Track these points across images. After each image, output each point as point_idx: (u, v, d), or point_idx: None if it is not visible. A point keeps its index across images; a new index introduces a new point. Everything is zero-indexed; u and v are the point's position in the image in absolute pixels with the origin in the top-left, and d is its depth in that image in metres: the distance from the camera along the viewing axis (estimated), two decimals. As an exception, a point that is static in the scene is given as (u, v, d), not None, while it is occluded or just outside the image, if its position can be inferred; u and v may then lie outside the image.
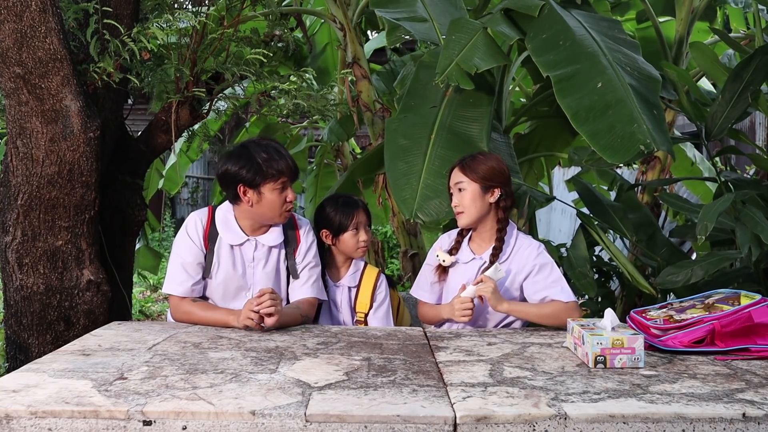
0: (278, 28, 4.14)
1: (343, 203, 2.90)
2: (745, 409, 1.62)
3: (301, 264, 2.69)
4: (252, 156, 2.55)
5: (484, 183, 2.64)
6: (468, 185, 2.64)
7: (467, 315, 2.52)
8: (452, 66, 3.14)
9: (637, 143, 2.80)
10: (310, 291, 2.68)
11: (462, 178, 2.66)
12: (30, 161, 2.92)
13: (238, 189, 2.56)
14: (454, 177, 2.70)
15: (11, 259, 3.01)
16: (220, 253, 2.62)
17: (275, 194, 2.56)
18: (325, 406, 1.63)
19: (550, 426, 1.58)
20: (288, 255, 2.69)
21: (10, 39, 2.73)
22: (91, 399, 1.67)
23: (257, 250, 2.65)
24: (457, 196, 2.67)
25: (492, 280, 2.50)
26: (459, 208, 2.67)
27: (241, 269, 2.64)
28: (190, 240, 2.62)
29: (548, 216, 9.49)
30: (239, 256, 2.64)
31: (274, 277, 2.67)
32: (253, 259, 2.65)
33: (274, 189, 2.56)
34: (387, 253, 9.34)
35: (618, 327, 2.08)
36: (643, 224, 3.72)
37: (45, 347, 2.99)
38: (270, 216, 2.61)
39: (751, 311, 2.13)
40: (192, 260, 2.60)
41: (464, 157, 2.73)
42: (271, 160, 2.55)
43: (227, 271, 2.62)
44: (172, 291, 2.60)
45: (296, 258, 2.69)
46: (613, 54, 3.14)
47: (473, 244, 2.74)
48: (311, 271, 2.70)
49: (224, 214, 2.66)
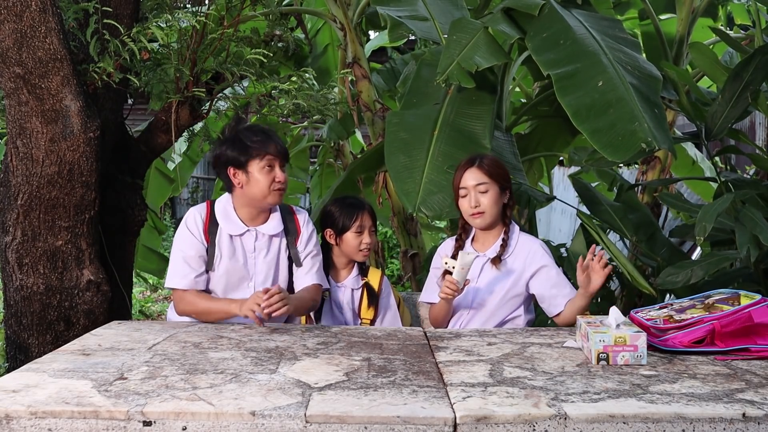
0: (278, 28, 4.13)
1: (349, 204, 2.91)
2: (745, 409, 1.62)
3: (304, 252, 2.73)
4: (239, 138, 2.63)
5: (502, 184, 2.67)
6: (490, 186, 2.63)
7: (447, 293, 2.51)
8: (453, 65, 3.14)
9: (638, 141, 2.80)
10: (315, 278, 2.72)
11: (484, 179, 2.63)
12: (30, 161, 2.92)
13: (228, 172, 2.62)
14: (471, 177, 2.65)
15: (11, 259, 3.01)
16: (222, 245, 2.64)
17: (263, 174, 2.59)
18: (325, 406, 1.63)
19: (550, 426, 1.58)
20: (290, 244, 2.72)
21: (10, 39, 2.73)
22: (91, 399, 1.66)
23: (258, 240, 2.68)
24: (477, 197, 2.63)
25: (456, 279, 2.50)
26: (480, 208, 2.63)
27: (243, 259, 2.66)
28: (190, 234, 2.63)
29: (548, 216, 9.48)
30: (240, 247, 2.66)
31: (275, 267, 2.70)
32: (254, 249, 2.67)
33: (262, 168, 2.59)
34: (387, 253, 9.34)
35: (623, 324, 2.09)
36: (643, 224, 3.72)
37: (45, 347, 2.99)
38: (260, 197, 2.62)
39: (751, 311, 2.13)
40: (194, 253, 2.61)
41: (475, 158, 2.70)
42: (257, 141, 2.61)
43: (229, 262, 2.64)
44: (176, 285, 2.61)
45: (298, 247, 2.72)
46: (614, 53, 3.14)
47: (477, 243, 2.75)
48: (314, 260, 2.74)
49: (223, 206, 2.69)
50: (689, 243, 5.32)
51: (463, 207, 2.67)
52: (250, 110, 3.80)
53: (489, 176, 2.64)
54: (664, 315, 2.23)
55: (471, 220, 2.68)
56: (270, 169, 2.60)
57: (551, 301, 2.66)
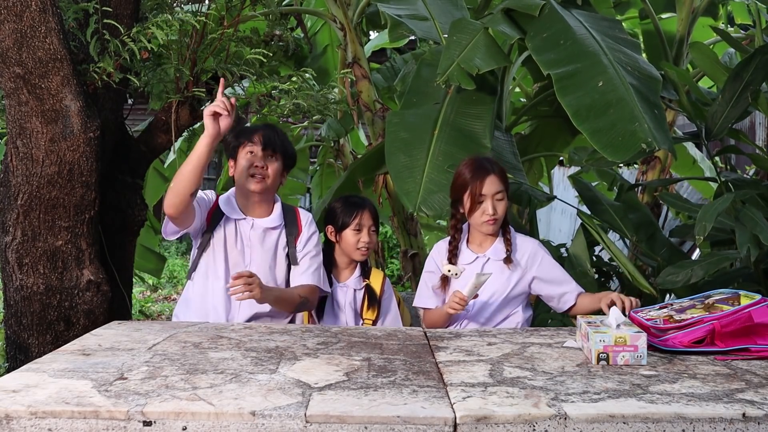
0: (278, 28, 4.13)
1: (351, 202, 2.93)
2: (745, 409, 1.62)
3: (302, 252, 2.75)
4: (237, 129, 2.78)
5: (508, 191, 2.70)
6: (504, 194, 2.67)
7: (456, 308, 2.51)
8: (453, 66, 3.15)
9: (638, 141, 2.80)
10: (311, 278, 2.72)
11: (501, 188, 2.65)
12: (30, 161, 2.92)
13: (229, 162, 2.76)
14: (492, 185, 2.63)
15: (11, 259, 3.01)
16: (226, 227, 2.71)
17: (245, 160, 2.69)
18: (325, 406, 1.63)
19: (550, 426, 1.58)
20: (289, 242, 2.75)
21: (10, 39, 2.73)
22: (91, 399, 1.66)
23: (253, 230, 2.73)
24: (495, 205, 2.63)
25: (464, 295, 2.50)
26: (497, 216, 2.64)
27: (240, 246, 2.71)
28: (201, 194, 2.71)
29: (548, 216, 9.48)
30: (239, 233, 2.72)
31: (270, 261, 2.73)
32: (250, 239, 2.72)
33: (246, 155, 2.69)
34: (387, 253, 9.34)
35: (623, 324, 2.09)
36: (644, 224, 3.72)
37: (45, 347, 2.99)
38: (242, 182, 2.71)
39: (751, 311, 2.13)
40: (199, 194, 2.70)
41: (485, 163, 2.68)
42: (244, 131, 2.74)
43: (228, 244, 2.70)
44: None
45: (297, 246, 2.75)
46: (614, 53, 3.14)
47: (473, 244, 2.74)
48: (312, 260, 2.75)
49: (228, 195, 2.80)
50: (689, 243, 5.32)
51: (475, 212, 2.64)
52: (250, 110, 3.80)
53: (504, 184, 2.66)
54: (664, 315, 2.23)
55: (484, 226, 2.66)
56: (251, 154, 2.68)
57: (560, 298, 2.71)
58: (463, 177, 2.66)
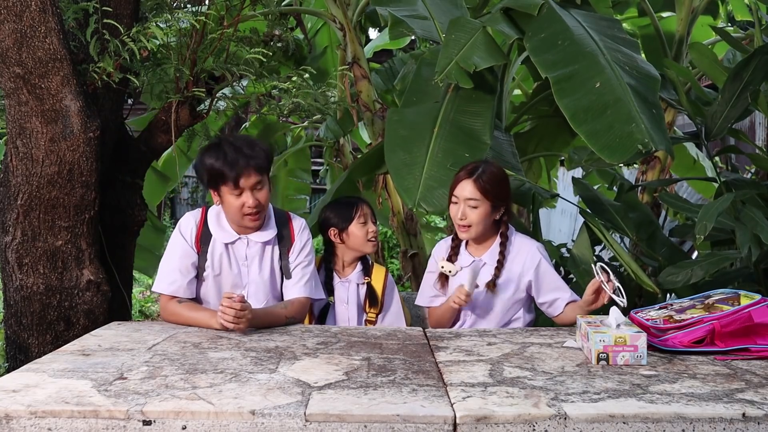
0: (278, 28, 4.13)
1: (345, 201, 2.97)
2: (745, 409, 1.62)
3: (294, 263, 2.67)
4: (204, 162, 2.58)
5: (495, 202, 2.64)
6: (480, 204, 2.61)
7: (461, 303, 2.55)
8: (452, 65, 3.14)
9: (635, 143, 2.79)
10: (303, 290, 2.64)
11: (476, 195, 2.60)
12: (30, 161, 2.92)
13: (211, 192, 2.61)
14: (464, 190, 2.62)
15: (11, 259, 3.01)
16: (214, 253, 2.61)
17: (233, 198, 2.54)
18: (325, 405, 1.63)
19: (550, 426, 1.58)
20: (282, 255, 2.67)
21: (10, 39, 2.73)
22: (90, 399, 1.66)
23: (249, 248, 2.64)
24: (464, 210, 2.61)
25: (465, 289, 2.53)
26: (466, 222, 2.62)
27: (236, 269, 2.63)
28: (183, 239, 2.62)
29: (548, 216, 9.49)
30: (233, 255, 2.64)
31: (269, 276, 2.65)
32: (246, 258, 2.63)
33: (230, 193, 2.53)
34: (387, 253, 9.34)
35: (623, 324, 2.09)
36: (644, 223, 3.72)
37: (45, 347, 2.98)
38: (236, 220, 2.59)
39: (751, 311, 2.13)
40: (184, 260, 2.60)
41: (476, 169, 2.65)
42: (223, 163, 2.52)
43: (222, 270, 2.62)
44: (162, 290, 2.59)
45: (290, 257, 2.67)
46: (612, 53, 3.13)
47: (470, 248, 2.76)
48: (304, 270, 2.67)
49: (216, 214, 2.66)
50: (689, 243, 5.32)
51: (452, 212, 2.67)
52: (250, 110, 3.80)
53: (483, 193, 2.60)
54: (664, 315, 2.23)
55: (457, 230, 2.68)
56: (237, 197, 2.52)
57: (551, 303, 2.70)
58: (455, 175, 2.70)
